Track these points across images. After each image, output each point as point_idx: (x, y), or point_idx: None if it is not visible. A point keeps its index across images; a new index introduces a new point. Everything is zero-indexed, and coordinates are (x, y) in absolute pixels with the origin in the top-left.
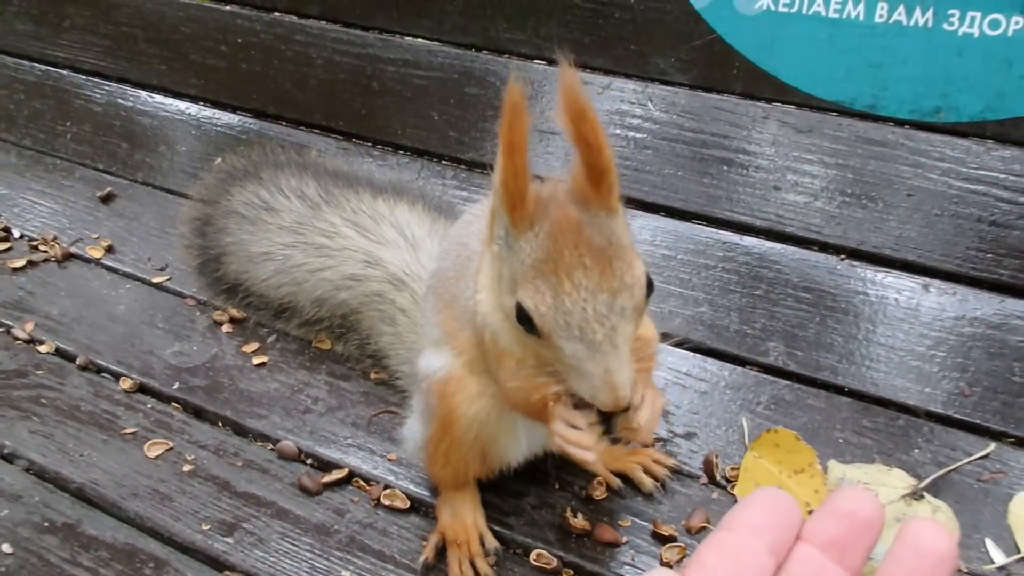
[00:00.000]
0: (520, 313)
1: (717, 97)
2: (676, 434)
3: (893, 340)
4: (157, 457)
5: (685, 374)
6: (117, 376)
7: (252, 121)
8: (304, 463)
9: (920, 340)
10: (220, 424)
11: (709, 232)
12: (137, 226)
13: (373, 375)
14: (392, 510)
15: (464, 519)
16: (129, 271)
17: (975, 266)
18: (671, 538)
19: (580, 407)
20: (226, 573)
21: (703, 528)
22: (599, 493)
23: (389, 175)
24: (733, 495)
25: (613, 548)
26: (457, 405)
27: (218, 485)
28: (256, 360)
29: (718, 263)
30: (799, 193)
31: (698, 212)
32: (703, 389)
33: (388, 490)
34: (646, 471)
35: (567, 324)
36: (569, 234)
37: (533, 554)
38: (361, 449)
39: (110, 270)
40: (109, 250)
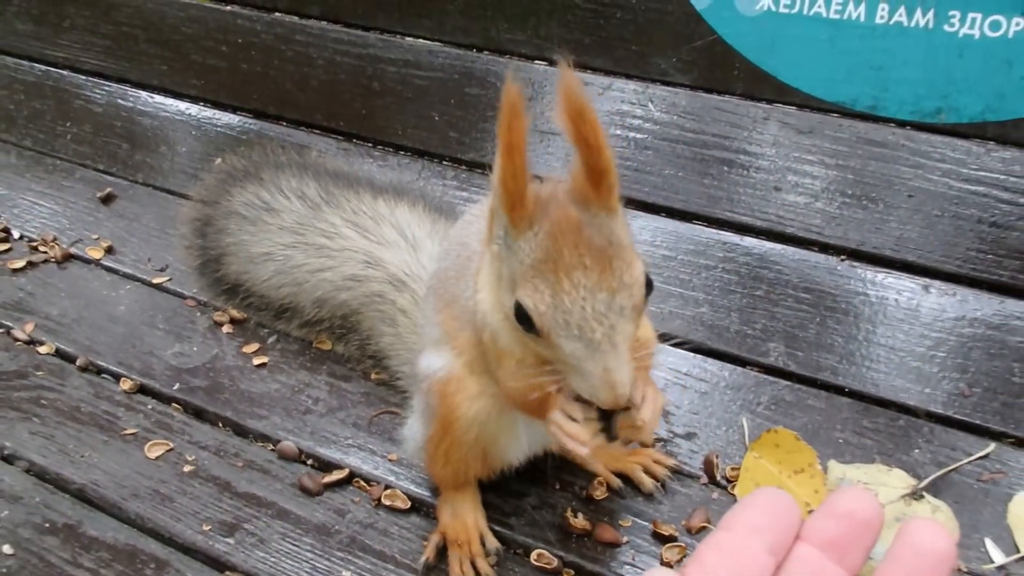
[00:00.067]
0: (519, 312)
1: (718, 98)
2: (676, 434)
3: (893, 341)
4: (158, 458)
5: (685, 374)
6: (117, 377)
7: (252, 121)
8: (305, 463)
9: (920, 341)
10: (221, 425)
11: (709, 233)
12: (137, 227)
13: (374, 376)
14: (393, 510)
15: (465, 519)
16: (129, 272)
17: (975, 267)
18: (671, 538)
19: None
20: (227, 573)
21: (703, 528)
22: (599, 493)
23: (390, 176)
24: (733, 495)
25: (613, 548)
26: (457, 405)
27: (219, 486)
28: (257, 361)
29: (718, 264)
30: (800, 194)
31: (699, 213)
32: (703, 389)
33: (389, 490)
34: (646, 471)
35: (566, 323)
36: (569, 234)
37: (534, 554)
38: (362, 449)
39: (110, 271)
40: (109, 251)
